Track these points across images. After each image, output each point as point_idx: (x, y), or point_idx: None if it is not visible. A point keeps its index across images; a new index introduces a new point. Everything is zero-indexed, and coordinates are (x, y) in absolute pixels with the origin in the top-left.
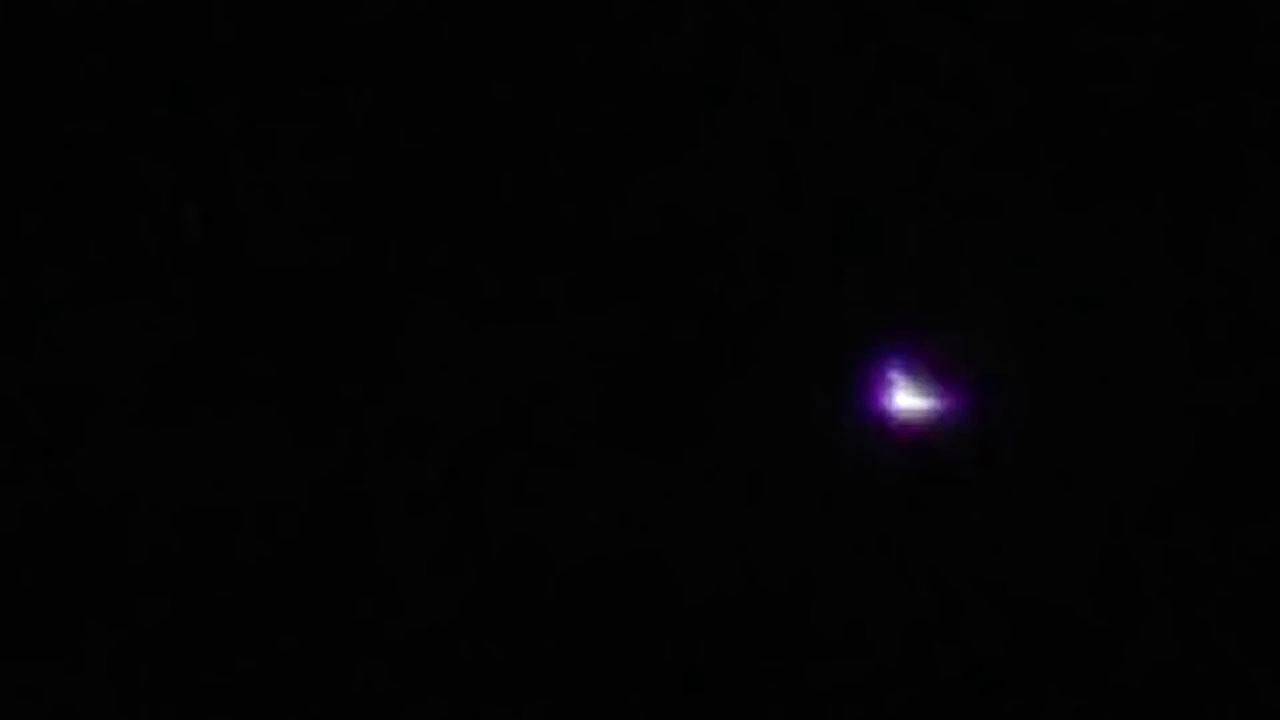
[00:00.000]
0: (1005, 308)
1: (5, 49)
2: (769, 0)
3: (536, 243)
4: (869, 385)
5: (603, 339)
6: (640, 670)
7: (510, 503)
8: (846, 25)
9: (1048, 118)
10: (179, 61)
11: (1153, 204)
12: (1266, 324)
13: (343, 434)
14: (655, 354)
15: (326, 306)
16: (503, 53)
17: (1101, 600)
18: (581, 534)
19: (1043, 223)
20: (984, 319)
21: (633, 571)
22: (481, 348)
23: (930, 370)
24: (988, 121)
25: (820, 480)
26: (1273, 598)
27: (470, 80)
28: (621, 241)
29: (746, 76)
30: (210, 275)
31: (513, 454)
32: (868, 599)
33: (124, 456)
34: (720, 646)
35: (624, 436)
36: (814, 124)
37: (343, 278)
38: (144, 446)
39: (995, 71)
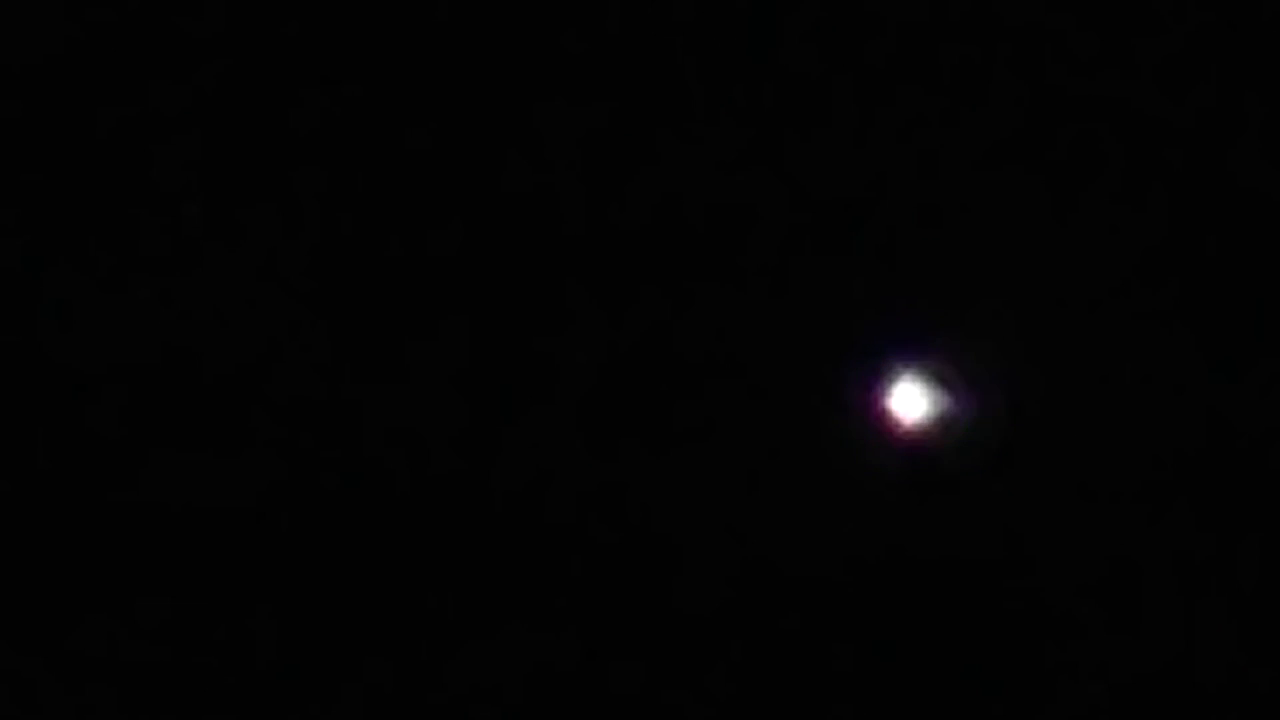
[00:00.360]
0: (1007, 309)
1: (7, 49)
2: (769, 0)
3: (536, 243)
4: (870, 386)
5: (603, 339)
6: (639, 670)
7: (510, 503)
8: (846, 25)
9: (1049, 118)
10: (181, 60)
11: (1153, 205)
12: (1267, 324)
13: (342, 433)
14: (656, 354)
15: (325, 305)
16: (503, 53)
17: (1102, 600)
18: (581, 534)
19: (1044, 224)
20: (985, 320)
21: (632, 571)
22: (482, 348)
23: (931, 371)
24: (989, 122)
25: (821, 481)
26: (1273, 598)
27: (470, 80)
28: (622, 242)
29: (746, 76)
30: (211, 273)
31: (512, 454)
32: (868, 599)
33: (124, 455)
34: (721, 646)
35: (624, 436)
36: (814, 124)
37: (342, 276)
38: (144, 444)
39: (996, 71)
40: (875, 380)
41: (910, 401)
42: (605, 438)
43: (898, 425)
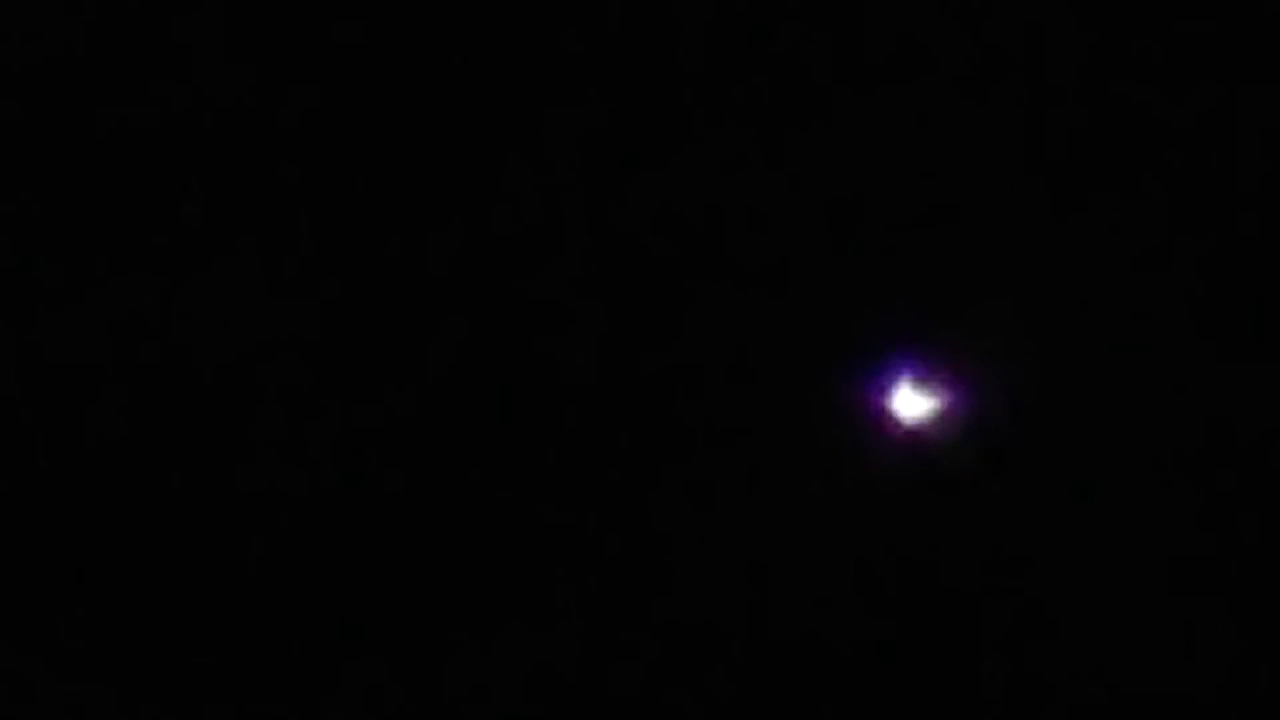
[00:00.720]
0: (1008, 308)
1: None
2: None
3: (536, 243)
4: (870, 385)
5: (603, 339)
6: (639, 670)
7: (510, 503)
8: (847, 24)
9: (1049, 117)
10: (181, 60)
11: (1155, 205)
12: (1269, 323)
13: (342, 433)
14: (656, 355)
15: (325, 305)
16: (503, 53)
17: (1102, 600)
18: (581, 534)
19: (1045, 223)
20: (986, 319)
21: (632, 571)
22: (482, 348)
23: (933, 371)
24: (989, 121)
25: (821, 480)
26: (1273, 598)
27: (470, 81)
28: (622, 242)
29: (746, 76)
30: (211, 273)
31: (512, 454)
32: (868, 598)
33: (123, 455)
34: (720, 646)
35: (624, 437)
36: (814, 124)
37: (342, 276)
38: (144, 444)
39: (995, 71)
40: (875, 380)
41: (910, 401)
42: (605, 438)
43: (898, 425)
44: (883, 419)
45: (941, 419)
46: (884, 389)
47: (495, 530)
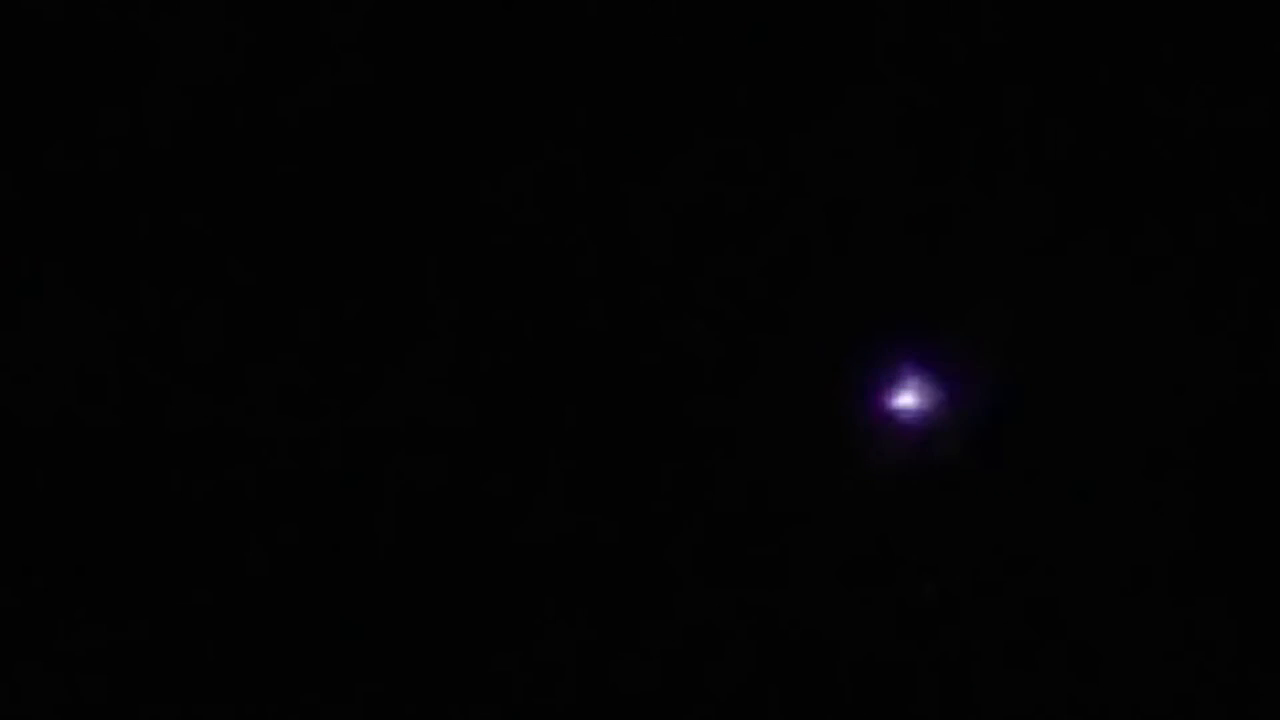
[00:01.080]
0: (1008, 307)
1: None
2: (774, 1)
3: (537, 244)
4: (872, 385)
5: (603, 339)
6: (639, 672)
7: (509, 504)
8: (849, 25)
9: (1048, 119)
10: (181, 60)
11: (1152, 205)
12: (1266, 325)
13: (342, 433)
14: (659, 354)
15: (324, 305)
16: (503, 54)
17: (1101, 599)
18: (581, 535)
19: (1044, 223)
20: (986, 318)
21: (634, 571)
22: (481, 347)
23: (933, 370)
24: (989, 122)
25: (823, 477)
26: (1273, 598)
27: (470, 81)
28: (623, 242)
29: (747, 76)
30: (209, 274)
31: (511, 455)
32: (869, 597)
33: (123, 455)
34: (720, 645)
35: (626, 436)
36: (815, 124)
37: (341, 276)
38: (143, 444)
39: (997, 75)
40: (875, 378)
41: (910, 398)
42: (605, 438)
43: (898, 422)
44: (882, 416)
45: (941, 416)
46: (884, 387)
47: (495, 530)
